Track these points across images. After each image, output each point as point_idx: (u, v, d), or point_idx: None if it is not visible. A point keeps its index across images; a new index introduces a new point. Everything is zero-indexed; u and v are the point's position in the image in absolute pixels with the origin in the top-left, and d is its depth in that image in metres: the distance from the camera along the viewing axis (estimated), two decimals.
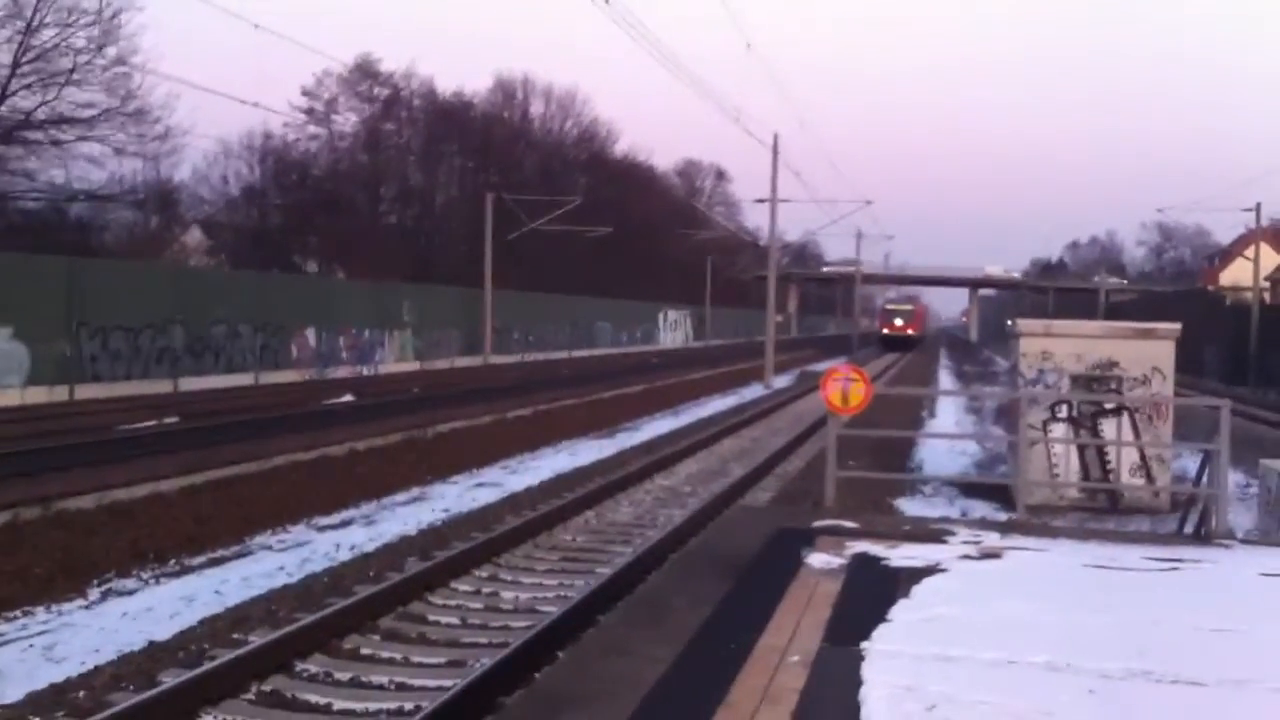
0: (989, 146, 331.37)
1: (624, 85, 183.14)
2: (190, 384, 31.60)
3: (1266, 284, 62.74)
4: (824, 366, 26.64)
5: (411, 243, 68.57)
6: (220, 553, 12.76)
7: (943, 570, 8.77)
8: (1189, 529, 12.99)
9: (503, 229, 54.63)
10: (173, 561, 12.27)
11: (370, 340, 42.86)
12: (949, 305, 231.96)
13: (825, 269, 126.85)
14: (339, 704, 7.91)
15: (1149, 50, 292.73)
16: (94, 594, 10.99)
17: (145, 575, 11.69)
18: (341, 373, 40.05)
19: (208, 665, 8.07)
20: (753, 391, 39.13)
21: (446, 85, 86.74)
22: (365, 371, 41.88)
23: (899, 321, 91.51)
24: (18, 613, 10.29)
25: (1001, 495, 15.80)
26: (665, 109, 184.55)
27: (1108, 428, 15.73)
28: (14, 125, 37.31)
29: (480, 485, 17.80)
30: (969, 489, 16.99)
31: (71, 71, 37.35)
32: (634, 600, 8.21)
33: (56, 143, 38.38)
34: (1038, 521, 12.95)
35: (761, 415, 28.69)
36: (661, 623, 7.15)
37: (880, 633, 6.94)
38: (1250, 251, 55.46)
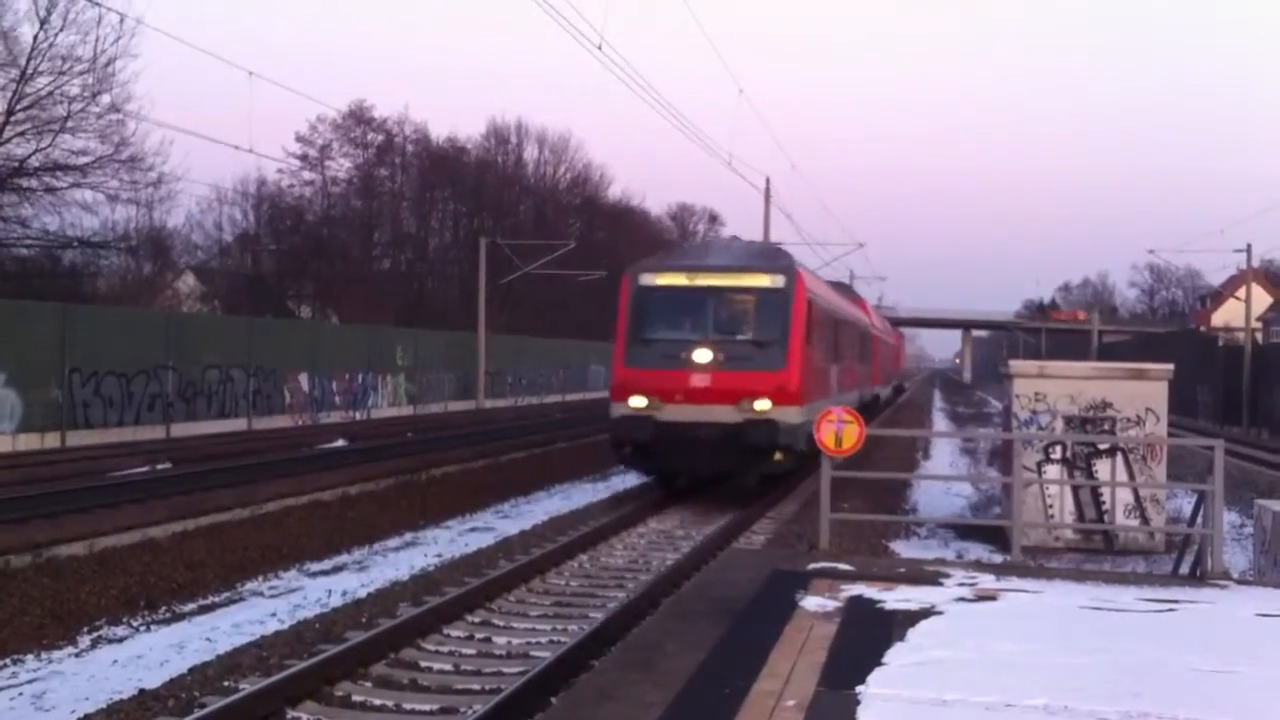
0: (981, 188, 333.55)
1: (617, 130, 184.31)
2: (182, 429, 31.50)
3: (1258, 324, 62.97)
4: None
5: (405, 287, 68.73)
6: (211, 599, 12.68)
7: (938, 613, 8.73)
8: (1184, 569, 12.96)
9: (496, 273, 54.79)
10: (164, 608, 12.19)
11: (363, 384, 42.82)
12: (942, 347, 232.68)
13: None
14: None
15: (1139, 92, 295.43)
16: (84, 641, 10.91)
17: (136, 622, 11.61)
18: (335, 417, 39.96)
19: (198, 713, 7.98)
20: None
21: (440, 130, 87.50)
22: (358, 416, 41.79)
23: (702, 361, 18.44)
24: (7, 660, 10.21)
25: (997, 537, 15.77)
26: (658, 153, 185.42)
27: (1102, 468, 15.73)
28: (8, 173, 37.40)
29: (473, 530, 17.73)
30: (964, 530, 16.96)
31: (66, 119, 37.48)
32: (627, 645, 8.15)
33: (50, 190, 38.46)
34: (1033, 563, 12.92)
35: None
36: (655, 667, 7.09)
37: (876, 676, 6.89)
38: (1242, 292, 55.69)
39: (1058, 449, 15.82)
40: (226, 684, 8.95)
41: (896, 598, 9.23)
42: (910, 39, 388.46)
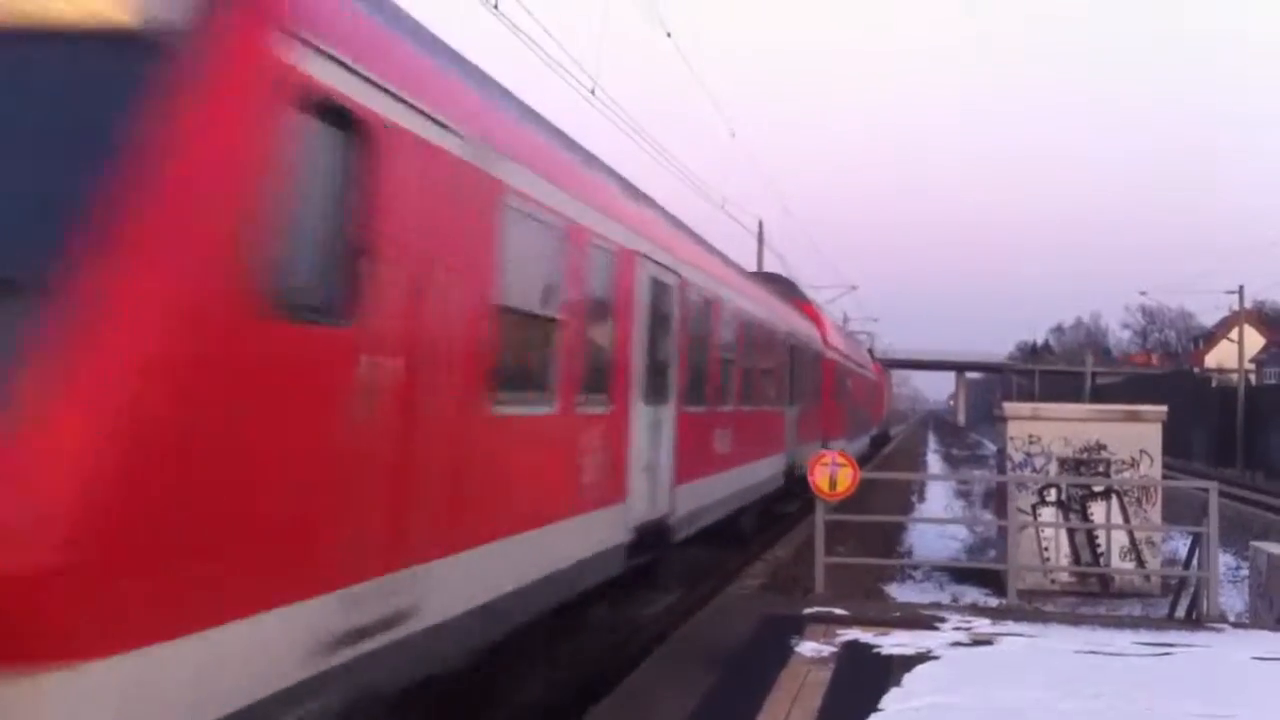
0: (973, 230, 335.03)
1: None
2: None
3: (1251, 366, 63.15)
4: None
5: None
6: None
7: (934, 657, 8.68)
8: (1180, 612, 12.91)
9: None
10: None
11: None
12: (936, 389, 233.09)
13: None
14: None
15: (1130, 133, 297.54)
16: None
17: None
18: None
19: None
20: None
21: None
22: None
23: None
24: None
25: (992, 580, 15.71)
26: (652, 196, 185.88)
27: (1097, 511, 15.70)
28: None
29: None
30: (960, 573, 16.89)
31: None
32: (620, 692, 8.09)
33: None
34: (1029, 607, 12.87)
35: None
36: (648, 715, 7.04)
37: None
38: (1235, 333, 55.88)
39: (1052, 491, 15.79)
40: None
41: (892, 642, 9.19)
42: (904, 81, 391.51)
